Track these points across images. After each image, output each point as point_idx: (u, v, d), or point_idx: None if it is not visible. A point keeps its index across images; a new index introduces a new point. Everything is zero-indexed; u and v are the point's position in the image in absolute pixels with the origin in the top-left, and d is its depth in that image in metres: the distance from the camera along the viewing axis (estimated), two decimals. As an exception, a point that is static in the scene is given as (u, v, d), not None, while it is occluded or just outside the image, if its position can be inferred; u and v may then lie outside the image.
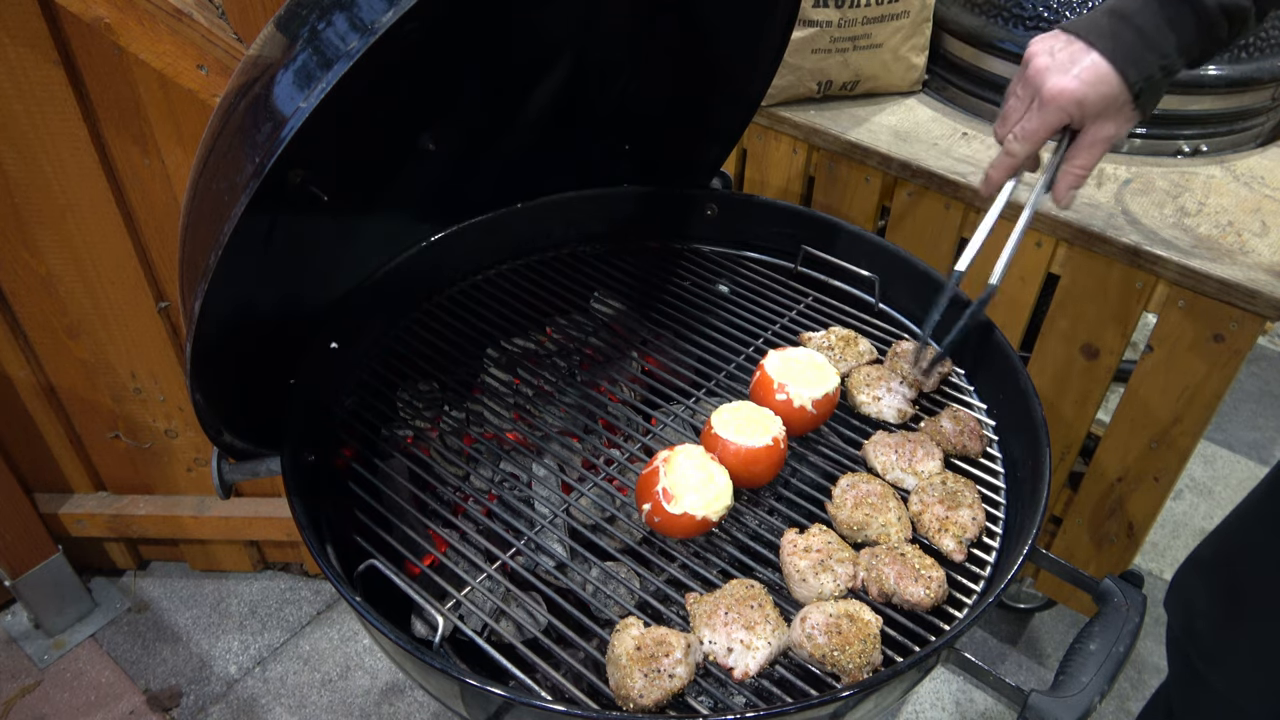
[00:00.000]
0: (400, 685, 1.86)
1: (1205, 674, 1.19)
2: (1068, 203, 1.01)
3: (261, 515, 1.90)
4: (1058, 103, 0.94)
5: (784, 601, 0.93)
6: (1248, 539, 1.16)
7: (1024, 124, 0.99)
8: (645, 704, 0.80)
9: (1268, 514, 1.13)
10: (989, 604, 0.87)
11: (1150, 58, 0.92)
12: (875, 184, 1.57)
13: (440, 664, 0.80)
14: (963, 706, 1.86)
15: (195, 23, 1.19)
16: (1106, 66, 0.92)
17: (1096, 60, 0.92)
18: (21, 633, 1.93)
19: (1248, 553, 1.15)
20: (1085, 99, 0.93)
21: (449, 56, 1.14)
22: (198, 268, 0.79)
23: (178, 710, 1.81)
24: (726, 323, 1.30)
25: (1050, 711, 0.81)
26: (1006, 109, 1.02)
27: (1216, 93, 1.49)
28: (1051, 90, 0.94)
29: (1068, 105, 0.94)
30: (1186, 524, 2.27)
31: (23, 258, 1.53)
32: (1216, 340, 1.32)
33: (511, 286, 1.37)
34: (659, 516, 0.95)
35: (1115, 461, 1.52)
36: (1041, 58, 0.96)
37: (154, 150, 1.43)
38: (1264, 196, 1.45)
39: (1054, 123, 0.96)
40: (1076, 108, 0.94)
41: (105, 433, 1.80)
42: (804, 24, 1.54)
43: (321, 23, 0.75)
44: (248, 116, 0.77)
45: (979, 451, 1.09)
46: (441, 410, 1.21)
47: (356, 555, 0.97)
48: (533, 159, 1.37)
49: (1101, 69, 0.92)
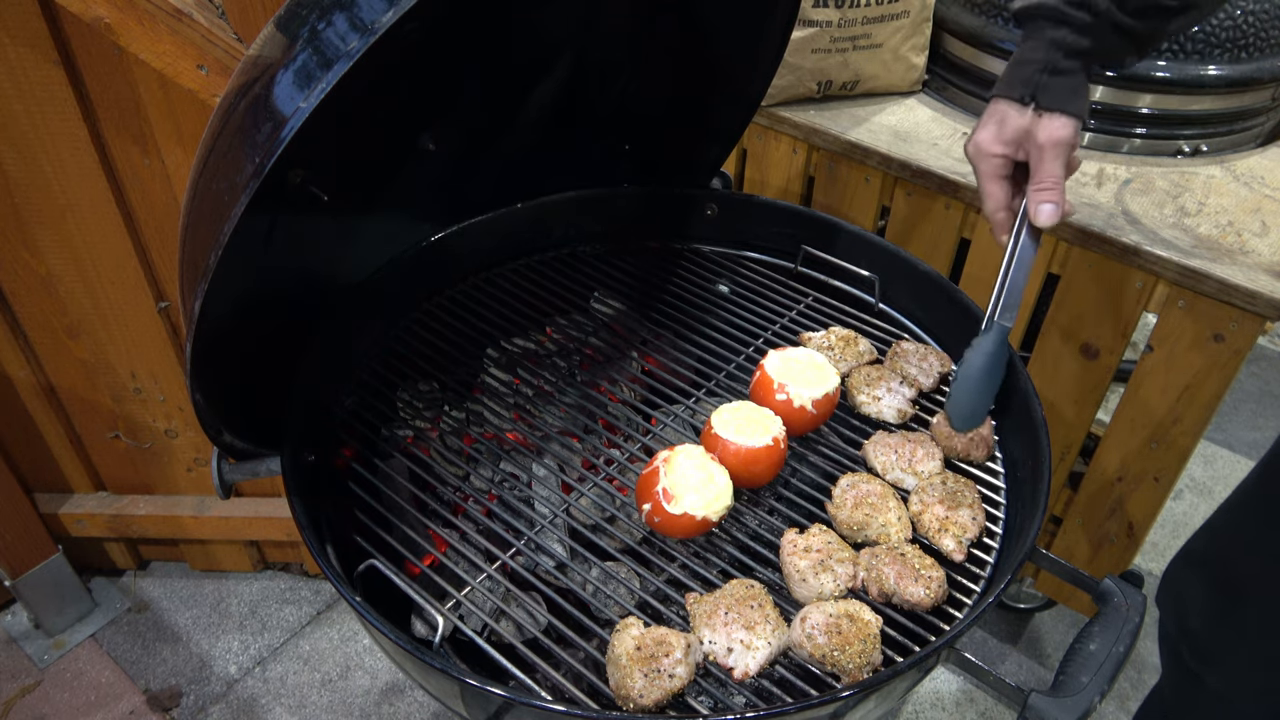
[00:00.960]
0: (400, 685, 1.86)
1: (1198, 671, 1.19)
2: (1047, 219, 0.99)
3: (261, 515, 1.90)
4: (971, 153, 1.03)
5: (784, 601, 0.93)
6: (1239, 532, 1.16)
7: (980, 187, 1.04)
8: (645, 704, 0.80)
9: (1258, 506, 1.13)
10: (989, 604, 0.87)
11: (1025, 70, 0.98)
12: (875, 184, 1.57)
13: (440, 664, 0.80)
14: (963, 706, 1.86)
15: (195, 23, 1.19)
16: (995, 101, 1.00)
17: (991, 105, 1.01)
18: (21, 633, 1.93)
19: (1239, 546, 1.15)
20: (981, 138, 1.01)
21: (449, 56, 1.14)
22: (198, 268, 0.79)
23: (178, 710, 1.81)
24: (726, 323, 1.30)
25: (1050, 711, 0.81)
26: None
27: (1216, 93, 1.49)
28: (968, 149, 1.03)
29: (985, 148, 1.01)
30: (1186, 524, 2.27)
31: (23, 258, 1.53)
32: (1216, 340, 1.32)
33: (511, 286, 1.37)
34: (659, 516, 0.95)
35: (1115, 461, 1.52)
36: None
37: (154, 150, 1.43)
38: (1264, 196, 1.45)
39: (985, 172, 1.02)
40: (985, 145, 1.00)
41: (105, 433, 1.80)
42: (804, 24, 1.54)
43: (321, 23, 0.75)
44: (248, 116, 0.77)
45: (984, 459, 1.09)
46: (441, 410, 1.21)
47: (356, 555, 0.97)
48: (533, 159, 1.37)
49: (993, 105, 1.01)
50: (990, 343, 1.04)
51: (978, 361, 1.04)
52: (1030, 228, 1.01)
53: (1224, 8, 1.43)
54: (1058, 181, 0.98)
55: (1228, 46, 1.45)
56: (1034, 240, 1.02)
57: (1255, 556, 1.11)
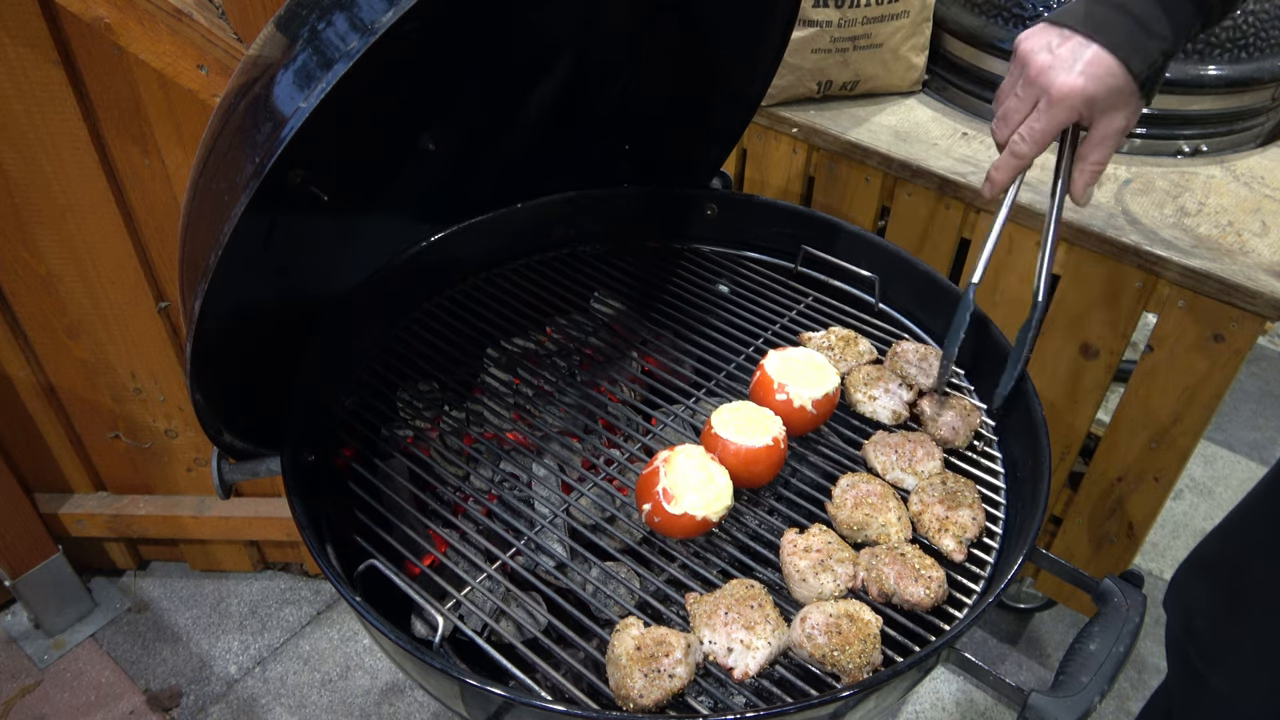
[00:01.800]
0: (400, 685, 1.86)
1: (1205, 674, 1.19)
2: (1088, 199, 0.99)
3: (261, 515, 1.90)
4: (1068, 101, 0.92)
5: (784, 601, 0.93)
6: (1248, 538, 1.16)
7: (1031, 125, 0.96)
8: (645, 704, 0.80)
9: (1269, 512, 1.13)
10: (989, 604, 0.87)
11: (1152, 45, 0.90)
12: (875, 184, 1.57)
13: (440, 664, 0.80)
14: (963, 706, 1.86)
15: (195, 23, 1.19)
16: (1110, 59, 0.90)
17: (1100, 53, 0.90)
18: (21, 633, 1.93)
19: (1249, 552, 1.14)
20: (1095, 95, 0.91)
21: (449, 56, 1.14)
22: (198, 268, 0.79)
23: (178, 710, 1.81)
24: (726, 323, 1.30)
25: (1050, 711, 0.81)
26: (1005, 109, 0.99)
27: (1216, 93, 1.49)
28: (1061, 89, 0.91)
29: (1077, 103, 0.92)
30: (1186, 524, 2.27)
31: (23, 258, 1.53)
32: (1216, 340, 1.32)
33: (511, 286, 1.37)
34: (659, 516, 0.95)
35: (1115, 461, 1.52)
36: (1041, 54, 0.93)
37: (154, 150, 1.43)
38: (1264, 196, 1.45)
39: (1063, 121, 0.94)
40: (1086, 105, 0.92)
41: (105, 433, 1.80)
42: (804, 24, 1.54)
43: (321, 23, 0.75)
44: (248, 116, 0.77)
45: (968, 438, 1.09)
46: (441, 410, 1.21)
47: (356, 555, 0.97)
48: (533, 159, 1.37)
49: (1106, 62, 0.90)
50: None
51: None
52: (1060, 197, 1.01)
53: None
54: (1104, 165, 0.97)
55: (1228, 46, 1.45)
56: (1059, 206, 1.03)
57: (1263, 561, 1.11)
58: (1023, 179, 1.04)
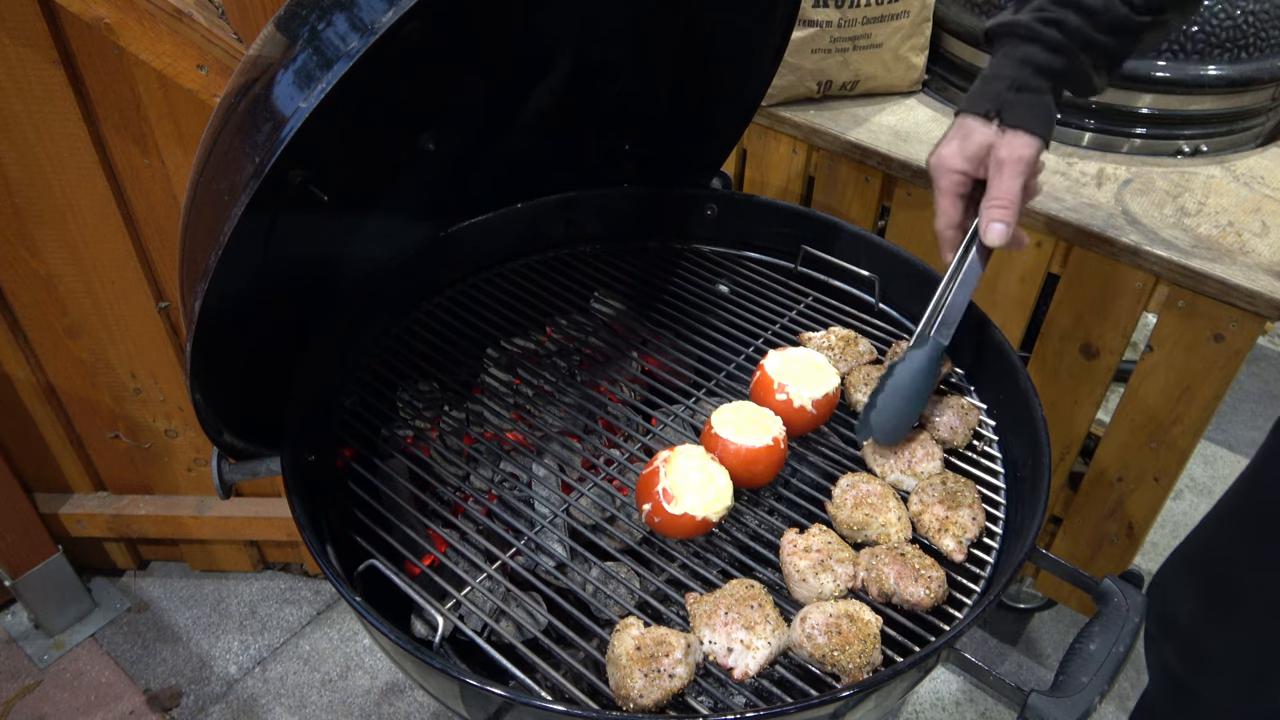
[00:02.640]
0: (400, 685, 1.86)
1: (1186, 679, 1.19)
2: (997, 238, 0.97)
3: (261, 515, 1.90)
4: (937, 168, 1.00)
5: (784, 601, 0.93)
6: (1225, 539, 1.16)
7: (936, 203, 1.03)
8: (645, 704, 0.80)
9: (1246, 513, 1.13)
10: (989, 604, 0.87)
11: (993, 86, 0.96)
12: (875, 184, 1.57)
13: (440, 664, 0.80)
14: (963, 706, 1.86)
15: (195, 23, 1.19)
16: (962, 116, 0.99)
17: (957, 120, 1.00)
18: (21, 633, 1.93)
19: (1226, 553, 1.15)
20: (955, 150, 0.98)
21: (449, 56, 1.14)
22: (198, 267, 0.79)
23: (178, 710, 1.81)
24: (726, 323, 1.30)
25: (1050, 711, 0.81)
26: None
27: (1216, 93, 1.49)
28: (930, 164, 1.01)
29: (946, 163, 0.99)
30: (1186, 524, 2.27)
31: (23, 258, 1.53)
32: (1216, 340, 1.32)
33: (511, 286, 1.37)
34: (659, 517, 0.95)
35: (1115, 461, 1.52)
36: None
37: (154, 150, 1.43)
38: (1264, 196, 1.45)
39: (946, 186, 1.00)
40: (954, 159, 0.98)
41: (105, 433, 1.80)
42: (804, 24, 1.54)
43: (321, 23, 0.75)
44: (248, 116, 0.77)
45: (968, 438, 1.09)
46: (441, 410, 1.21)
47: (356, 555, 0.97)
48: (533, 159, 1.37)
49: (960, 121, 0.99)
50: (923, 357, 1.04)
51: (906, 375, 1.04)
52: (980, 247, 1.00)
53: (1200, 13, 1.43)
54: (1013, 201, 0.95)
55: (1228, 46, 1.45)
56: (981, 260, 1.01)
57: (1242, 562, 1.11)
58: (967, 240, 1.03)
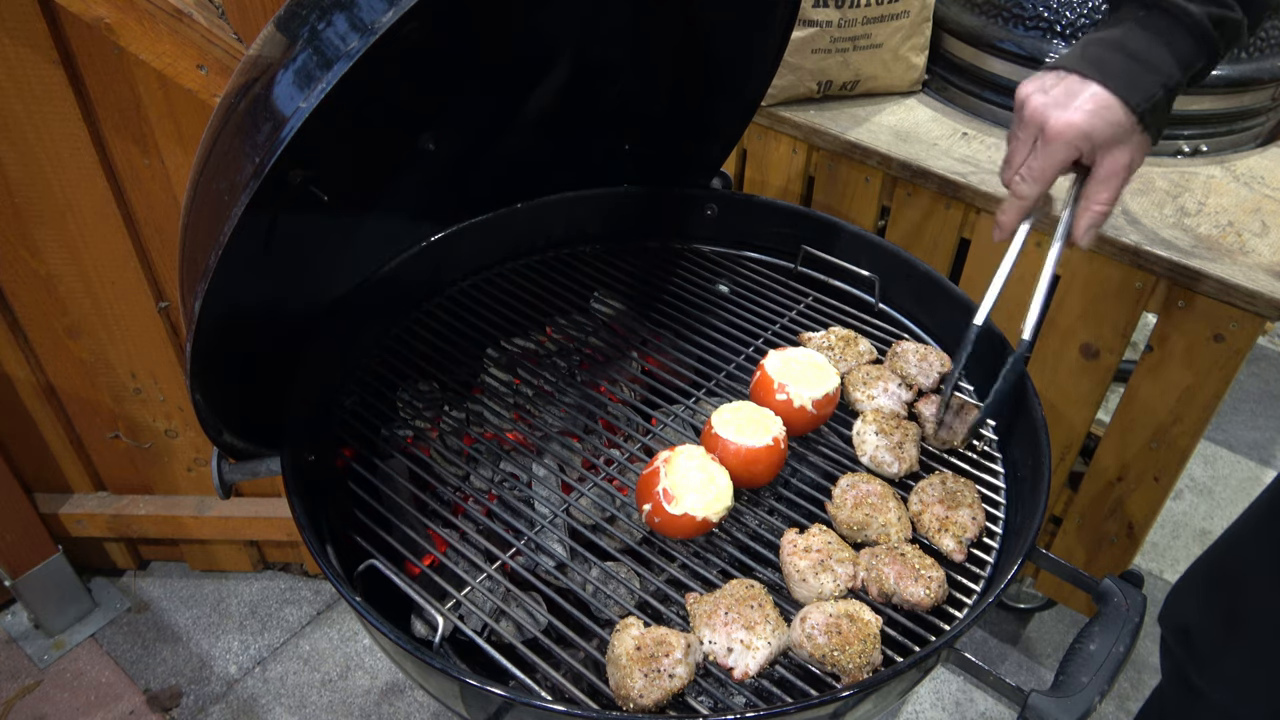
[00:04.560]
0: (400, 685, 1.86)
1: (1201, 688, 1.19)
2: (1088, 242, 0.97)
3: (261, 515, 1.90)
4: (1064, 138, 0.91)
5: (784, 601, 0.93)
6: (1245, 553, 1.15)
7: (1030, 164, 0.96)
8: (645, 704, 0.80)
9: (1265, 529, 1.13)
10: (989, 604, 0.87)
11: (1149, 78, 0.90)
12: (875, 184, 1.57)
13: (440, 664, 0.80)
14: (963, 706, 1.86)
15: (195, 23, 1.19)
16: (1106, 94, 0.90)
17: (1096, 90, 0.90)
18: (21, 633, 1.93)
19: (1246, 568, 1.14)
20: (1092, 130, 0.91)
21: (449, 56, 1.14)
22: (198, 268, 0.79)
23: (178, 710, 1.81)
24: (726, 323, 1.30)
25: (1050, 711, 0.81)
26: (1009, 152, 0.99)
27: (1216, 93, 1.49)
28: (1056, 126, 0.91)
29: (1075, 139, 0.91)
30: (1186, 524, 2.27)
31: (23, 258, 1.53)
32: (1216, 340, 1.32)
33: (511, 286, 1.37)
34: (659, 517, 0.95)
35: (1115, 461, 1.52)
36: (1037, 96, 0.94)
37: (154, 150, 1.43)
38: (1264, 196, 1.45)
39: (1062, 159, 0.93)
40: (1084, 140, 0.91)
41: (105, 433, 1.80)
42: (804, 24, 1.54)
43: (321, 23, 0.75)
44: (248, 116, 0.77)
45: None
46: (441, 410, 1.21)
47: (356, 555, 0.97)
48: (533, 159, 1.37)
49: (1102, 97, 0.90)
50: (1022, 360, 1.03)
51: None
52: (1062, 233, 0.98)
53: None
54: (1109, 205, 0.94)
55: (1228, 46, 1.45)
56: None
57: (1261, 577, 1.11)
58: (1032, 221, 1.02)
